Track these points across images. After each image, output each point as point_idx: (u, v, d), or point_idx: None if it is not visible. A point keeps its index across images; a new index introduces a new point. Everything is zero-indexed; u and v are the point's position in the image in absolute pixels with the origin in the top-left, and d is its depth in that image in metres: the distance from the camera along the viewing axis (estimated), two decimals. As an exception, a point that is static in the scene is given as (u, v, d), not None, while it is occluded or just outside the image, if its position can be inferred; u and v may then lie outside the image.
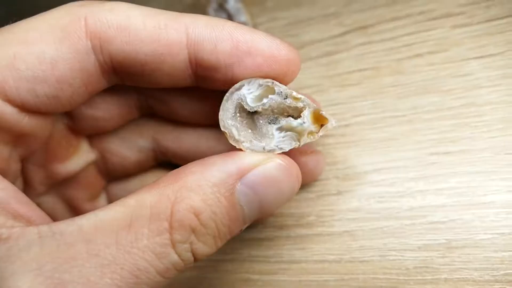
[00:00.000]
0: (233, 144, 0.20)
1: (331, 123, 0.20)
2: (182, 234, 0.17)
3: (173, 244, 0.17)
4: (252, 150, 0.20)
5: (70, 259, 0.16)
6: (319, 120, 0.20)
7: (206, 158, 0.19)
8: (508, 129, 0.26)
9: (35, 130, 0.21)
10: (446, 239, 0.25)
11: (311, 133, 0.20)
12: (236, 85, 0.20)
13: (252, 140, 0.20)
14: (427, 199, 0.26)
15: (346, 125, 0.30)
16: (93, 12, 0.19)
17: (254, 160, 0.19)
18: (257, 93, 0.20)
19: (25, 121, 0.20)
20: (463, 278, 0.24)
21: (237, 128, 0.20)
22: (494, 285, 0.23)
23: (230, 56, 0.20)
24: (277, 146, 0.20)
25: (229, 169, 0.18)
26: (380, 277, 0.25)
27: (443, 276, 0.24)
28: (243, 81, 0.20)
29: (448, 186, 0.26)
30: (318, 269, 0.27)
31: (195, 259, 0.18)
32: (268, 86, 0.20)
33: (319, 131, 0.20)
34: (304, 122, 0.20)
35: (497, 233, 0.24)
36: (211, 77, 0.21)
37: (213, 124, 0.26)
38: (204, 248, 0.18)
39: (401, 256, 0.25)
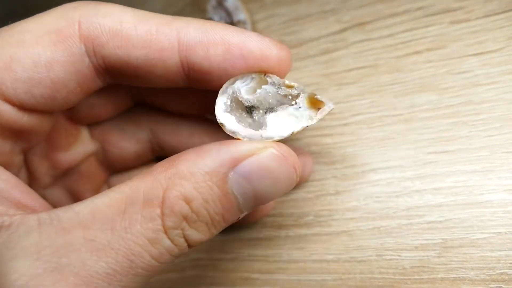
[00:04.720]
0: (230, 135, 0.20)
1: (328, 105, 0.20)
2: (174, 220, 0.18)
3: (165, 230, 0.18)
4: (249, 139, 0.20)
5: (67, 244, 0.17)
6: (315, 104, 0.20)
7: (201, 146, 0.19)
8: (505, 127, 0.25)
9: (35, 126, 0.22)
10: (442, 239, 0.25)
11: (309, 117, 0.20)
12: (230, 80, 0.20)
13: (249, 129, 0.20)
14: (424, 199, 0.26)
15: (345, 124, 0.30)
16: (86, 16, 0.20)
17: (249, 148, 0.18)
18: (251, 84, 0.20)
19: (25, 119, 0.21)
20: (459, 277, 0.24)
21: (233, 120, 0.20)
22: (490, 284, 0.23)
23: (223, 60, 0.20)
24: (275, 133, 0.20)
25: (222, 158, 0.18)
26: (377, 276, 0.26)
27: (439, 276, 0.24)
28: (237, 76, 0.20)
29: (445, 185, 0.26)
30: (316, 269, 0.27)
31: (189, 245, 0.19)
32: (260, 77, 0.20)
33: (316, 115, 0.20)
34: (300, 107, 0.20)
35: (493, 233, 0.24)
36: (204, 79, 0.21)
37: (207, 114, 0.26)
38: (197, 234, 0.18)
39: (398, 255, 0.25)
